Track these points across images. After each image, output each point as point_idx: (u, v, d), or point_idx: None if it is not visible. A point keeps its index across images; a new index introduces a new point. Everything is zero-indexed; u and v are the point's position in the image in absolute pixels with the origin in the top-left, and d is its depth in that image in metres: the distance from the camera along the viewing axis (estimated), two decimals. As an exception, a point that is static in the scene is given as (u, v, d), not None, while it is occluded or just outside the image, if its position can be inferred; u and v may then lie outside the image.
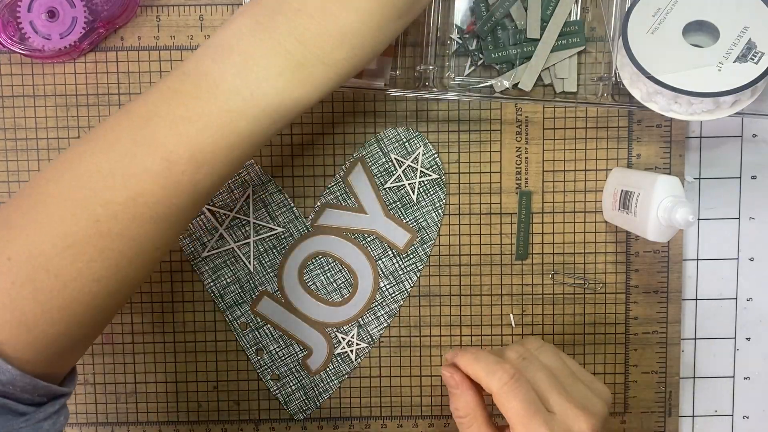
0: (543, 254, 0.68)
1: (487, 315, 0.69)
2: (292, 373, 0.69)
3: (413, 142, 0.67)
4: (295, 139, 0.67)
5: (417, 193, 0.67)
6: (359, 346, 0.69)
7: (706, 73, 0.56)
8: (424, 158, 0.67)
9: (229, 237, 0.67)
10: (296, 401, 0.69)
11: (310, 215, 0.68)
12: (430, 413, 0.70)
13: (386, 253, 0.68)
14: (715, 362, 0.71)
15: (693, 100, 0.56)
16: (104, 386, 0.69)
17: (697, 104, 0.56)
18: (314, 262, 0.68)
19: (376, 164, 0.67)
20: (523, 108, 0.67)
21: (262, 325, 0.68)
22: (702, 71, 0.56)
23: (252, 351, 0.69)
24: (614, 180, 0.66)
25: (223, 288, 0.68)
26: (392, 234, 0.68)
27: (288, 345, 0.69)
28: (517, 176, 0.67)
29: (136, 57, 0.66)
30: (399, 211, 0.67)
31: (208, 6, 0.66)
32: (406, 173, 0.67)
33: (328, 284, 0.68)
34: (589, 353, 0.69)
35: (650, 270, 0.68)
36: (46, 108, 0.66)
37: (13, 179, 0.67)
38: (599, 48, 0.65)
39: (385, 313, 0.69)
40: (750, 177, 0.69)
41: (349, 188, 0.67)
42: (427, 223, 0.68)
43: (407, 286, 0.68)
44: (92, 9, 0.63)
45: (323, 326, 0.69)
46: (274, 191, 0.67)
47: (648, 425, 0.70)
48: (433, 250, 0.68)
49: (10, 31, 0.63)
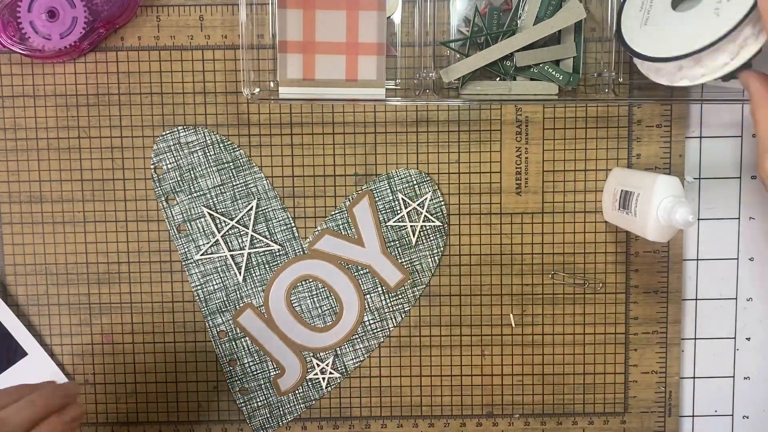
0: (543, 254, 0.68)
1: (487, 315, 0.69)
2: (261, 389, 0.69)
3: (423, 186, 0.67)
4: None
5: (417, 236, 0.67)
6: (332, 375, 0.69)
7: (711, 25, 0.55)
8: (431, 203, 0.67)
9: (225, 245, 0.67)
10: (260, 417, 0.69)
11: (309, 237, 0.68)
12: (430, 413, 0.70)
13: (376, 289, 0.68)
14: (715, 362, 0.71)
15: (704, 56, 0.55)
16: (104, 386, 0.69)
17: (708, 60, 0.55)
18: (303, 285, 0.68)
19: (382, 200, 0.67)
20: (523, 108, 0.67)
21: (241, 336, 0.68)
22: (704, 24, 0.55)
23: (225, 360, 0.69)
24: (614, 180, 0.66)
25: (209, 294, 0.68)
26: (386, 271, 0.68)
27: (262, 361, 0.69)
28: (517, 176, 0.67)
29: (136, 57, 0.66)
30: (396, 251, 0.67)
31: (208, 6, 0.66)
32: (410, 215, 0.67)
33: (314, 308, 0.68)
34: (589, 353, 0.69)
35: (650, 270, 0.68)
36: (46, 108, 0.66)
37: (13, 179, 0.67)
38: (598, 48, 0.65)
39: (363, 347, 0.69)
40: (750, 177, 0.69)
41: (352, 219, 0.67)
42: (422, 267, 0.68)
43: (390, 325, 0.68)
44: (92, 9, 0.63)
45: (300, 348, 0.69)
46: (278, 208, 0.67)
47: (648, 425, 0.70)
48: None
49: (10, 31, 0.63)
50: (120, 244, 0.68)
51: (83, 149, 0.67)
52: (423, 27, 0.62)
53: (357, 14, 0.64)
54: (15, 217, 0.67)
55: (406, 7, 0.65)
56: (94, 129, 0.67)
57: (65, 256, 0.68)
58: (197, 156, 0.67)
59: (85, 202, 0.67)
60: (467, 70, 0.63)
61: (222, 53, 0.66)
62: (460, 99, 0.64)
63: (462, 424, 0.70)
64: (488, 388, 0.69)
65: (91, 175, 0.67)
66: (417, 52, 0.63)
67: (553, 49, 0.64)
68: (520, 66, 0.64)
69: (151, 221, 0.67)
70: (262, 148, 0.67)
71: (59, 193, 0.67)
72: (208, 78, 0.66)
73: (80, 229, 0.67)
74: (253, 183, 0.67)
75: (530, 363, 0.69)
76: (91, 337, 0.69)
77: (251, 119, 0.67)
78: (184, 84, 0.66)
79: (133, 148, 0.67)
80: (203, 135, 0.67)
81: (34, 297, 0.68)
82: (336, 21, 0.64)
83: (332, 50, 0.64)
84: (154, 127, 0.67)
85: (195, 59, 0.66)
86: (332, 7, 0.63)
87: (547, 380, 0.69)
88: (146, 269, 0.68)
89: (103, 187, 0.67)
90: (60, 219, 0.67)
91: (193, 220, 0.67)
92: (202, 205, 0.67)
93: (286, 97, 0.64)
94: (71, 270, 0.68)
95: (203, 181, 0.67)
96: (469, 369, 0.69)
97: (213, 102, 0.66)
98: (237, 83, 0.66)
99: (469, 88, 0.65)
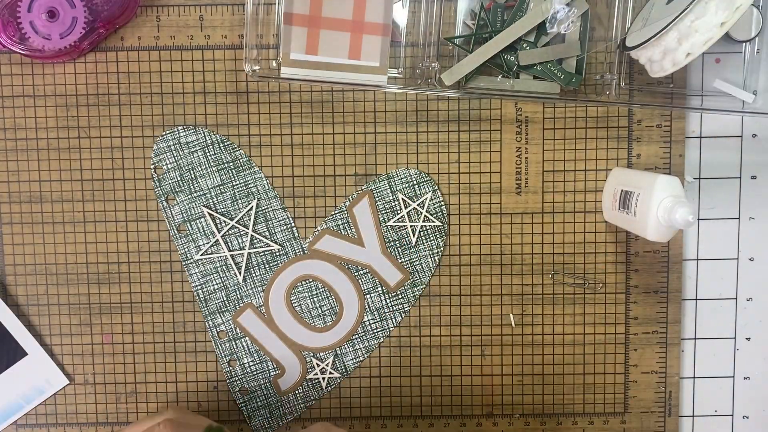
0: (543, 254, 0.68)
1: (487, 315, 0.69)
2: (261, 389, 0.69)
3: (423, 186, 0.67)
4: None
5: (417, 236, 0.67)
6: (332, 375, 0.69)
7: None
8: (431, 203, 0.67)
9: (225, 245, 0.67)
10: (260, 417, 0.69)
11: (309, 237, 0.68)
12: (430, 413, 0.70)
13: (376, 289, 0.68)
14: (715, 362, 0.71)
15: (699, 28, 0.55)
16: (104, 386, 0.69)
17: (704, 27, 0.55)
18: (303, 285, 0.68)
19: (382, 200, 0.67)
20: (523, 108, 0.67)
21: (241, 336, 0.68)
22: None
23: (225, 360, 0.69)
24: (614, 180, 0.66)
25: (209, 294, 0.68)
26: (386, 271, 0.68)
27: (262, 361, 0.69)
28: (517, 176, 0.67)
29: (136, 57, 0.66)
30: (396, 251, 0.67)
31: (208, 6, 0.66)
32: (410, 215, 0.67)
33: (314, 309, 0.68)
34: (589, 353, 0.69)
35: (650, 270, 0.68)
36: (46, 108, 0.66)
37: (13, 179, 0.67)
38: (600, 48, 0.65)
39: (363, 347, 0.69)
40: (750, 177, 0.69)
41: (352, 219, 0.67)
42: (422, 267, 0.68)
43: (390, 325, 0.68)
44: (92, 9, 0.63)
45: (300, 348, 0.68)
46: (278, 208, 0.67)
47: (648, 425, 0.70)
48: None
49: (10, 31, 0.63)
50: (120, 244, 0.68)
51: (83, 149, 0.67)
52: (428, 17, 0.62)
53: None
54: (15, 217, 0.67)
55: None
56: (94, 129, 0.67)
57: (65, 256, 0.68)
58: (197, 156, 0.67)
59: (85, 202, 0.67)
60: (469, 70, 0.63)
61: (222, 53, 0.66)
62: (461, 90, 0.64)
63: (462, 424, 0.70)
64: (488, 388, 0.69)
65: (91, 175, 0.67)
66: (421, 40, 0.63)
67: (556, 47, 0.64)
68: (523, 64, 0.64)
69: (151, 221, 0.67)
70: (262, 148, 0.67)
71: (59, 193, 0.67)
72: (208, 78, 0.66)
73: (80, 229, 0.67)
74: (253, 183, 0.67)
75: (530, 363, 0.69)
76: (91, 337, 0.69)
77: (251, 119, 0.67)
78: (184, 84, 0.66)
79: (133, 148, 0.67)
80: (203, 135, 0.67)
81: (34, 297, 0.68)
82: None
83: (337, 26, 0.64)
84: (154, 127, 0.67)
85: (195, 59, 0.66)
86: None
87: (547, 380, 0.69)
88: (146, 269, 0.68)
89: (103, 187, 0.67)
90: (60, 219, 0.67)
91: (193, 220, 0.67)
92: (202, 205, 0.67)
93: (288, 77, 0.64)
94: (71, 270, 0.68)
95: (203, 181, 0.67)
96: (469, 369, 0.69)
97: (213, 102, 0.66)
98: (237, 83, 0.66)
99: (472, 84, 0.65)
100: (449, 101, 0.67)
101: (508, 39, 0.63)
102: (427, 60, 0.63)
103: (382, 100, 0.67)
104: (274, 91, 0.67)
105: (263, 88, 0.66)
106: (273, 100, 0.67)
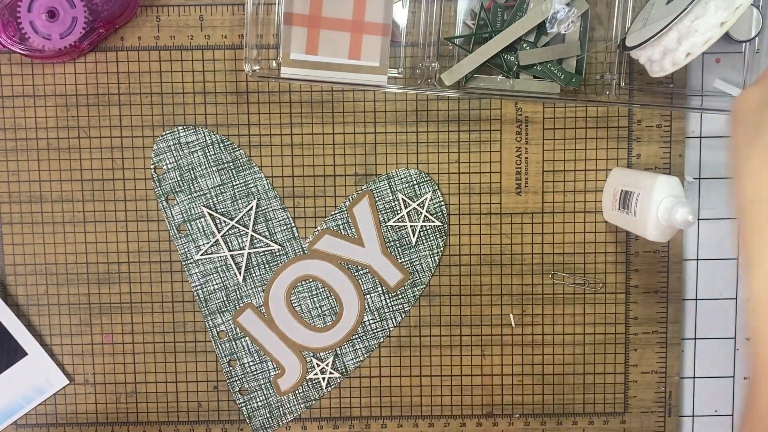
0: (543, 254, 0.68)
1: (487, 315, 0.69)
2: (261, 389, 0.69)
3: (423, 186, 0.67)
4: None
5: (417, 236, 0.67)
6: (332, 375, 0.69)
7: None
8: (431, 203, 0.67)
9: (225, 245, 0.67)
10: (260, 417, 0.69)
11: (309, 237, 0.68)
12: (430, 413, 0.70)
13: (376, 289, 0.68)
14: (715, 362, 0.71)
15: (699, 28, 0.55)
16: (104, 386, 0.69)
17: (703, 27, 0.55)
18: (303, 285, 0.68)
19: (382, 200, 0.67)
20: (523, 108, 0.67)
21: (241, 336, 0.68)
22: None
23: (225, 360, 0.69)
24: (614, 180, 0.66)
25: (209, 294, 0.68)
26: (386, 271, 0.68)
27: (262, 361, 0.69)
28: (517, 176, 0.67)
29: (136, 57, 0.66)
30: (396, 251, 0.67)
31: (208, 6, 0.66)
32: (410, 215, 0.67)
33: (314, 309, 0.68)
34: (589, 353, 0.69)
35: (650, 270, 0.68)
36: (46, 108, 0.66)
37: (13, 179, 0.67)
38: (600, 48, 0.65)
39: (363, 347, 0.69)
40: (750, 177, 0.69)
41: (352, 219, 0.67)
42: (422, 267, 0.68)
43: (390, 325, 0.68)
44: (92, 9, 0.63)
45: (300, 348, 0.68)
46: (278, 208, 0.67)
47: (648, 425, 0.70)
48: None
49: (10, 31, 0.63)
50: (120, 244, 0.68)
51: (83, 149, 0.67)
52: (428, 17, 0.62)
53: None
54: (15, 217, 0.67)
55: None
56: (94, 129, 0.67)
57: (65, 256, 0.68)
58: (197, 156, 0.67)
59: (85, 202, 0.67)
60: (469, 70, 0.63)
61: (222, 53, 0.66)
62: (461, 90, 0.64)
63: (462, 424, 0.70)
64: (488, 388, 0.69)
65: (91, 175, 0.67)
66: (421, 40, 0.63)
67: (556, 47, 0.64)
68: (523, 64, 0.64)
69: (151, 221, 0.67)
70: (262, 148, 0.67)
71: (59, 193, 0.67)
72: (208, 78, 0.66)
73: (80, 229, 0.67)
74: (253, 183, 0.67)
75: (530, 363, 0.69)
76: (91, 337, 0.69)
77: (251, 119, 0.67)
78: (184, 84, 0.66)
79: (133, 148, 0.67)
80: (203, 135, 0.67)
81: (34, 297, 0.68)
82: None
83: (337, 26, 0.64)
84: (154, 127, 0.67)
85: (195, 59, 0.66)
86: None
87: (547, 380, 0.69)
88: (146, 269, 0.68)
89: (103, 187, 0.67)
90: (60, 219, 0.67)
91: (193, 220, 0.67)
92: (202, 205, 0.67)
93: (288, 77, 0.64)
94: (71, 270, 0.68)
95: (203, 181, 0.67)
96: (469, 369, 0.69)
97: (213, 102, 0.66)
98: (237, 83, 0.66)
99: (472, 84, 0.65)
100: (449, 101, 0.67)
101: (508, 39, 0.63)
102: (427, 60, 0.63)
103: (382, 100, 0.67)
104: (274, 91, 0.67)
105: (263, 88, 0.67)
106: (273, 100, 0.67)
